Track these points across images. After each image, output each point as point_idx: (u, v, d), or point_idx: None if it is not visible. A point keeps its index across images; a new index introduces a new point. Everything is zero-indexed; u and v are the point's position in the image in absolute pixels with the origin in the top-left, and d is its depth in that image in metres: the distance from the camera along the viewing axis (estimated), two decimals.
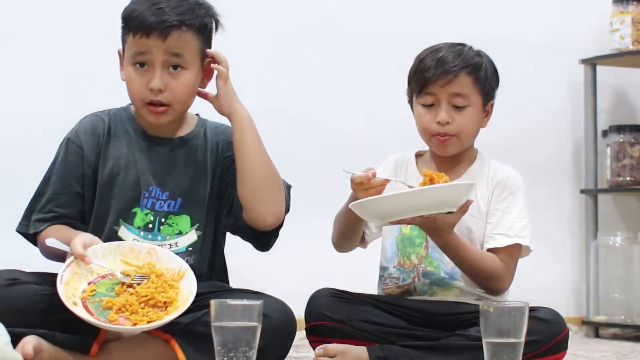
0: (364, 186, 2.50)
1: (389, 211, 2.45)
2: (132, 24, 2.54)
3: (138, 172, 2.62)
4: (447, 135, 2.66)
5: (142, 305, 2.38)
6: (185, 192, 2.61)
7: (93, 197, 2.61)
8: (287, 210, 2.63)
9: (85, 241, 2.43)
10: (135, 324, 2.35)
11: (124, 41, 2.60)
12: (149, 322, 2.35)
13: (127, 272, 2.44)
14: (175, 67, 2.55)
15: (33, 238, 2.63)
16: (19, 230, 2.64)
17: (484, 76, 2.68)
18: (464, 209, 2.52)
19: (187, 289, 2.42)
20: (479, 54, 2.71)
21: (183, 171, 2.64)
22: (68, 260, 2.42)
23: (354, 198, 2.55)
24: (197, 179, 2.64)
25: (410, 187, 2.54)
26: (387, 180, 2.52)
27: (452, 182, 2.56)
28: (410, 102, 2.74)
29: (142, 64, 2.55)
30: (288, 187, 2.66)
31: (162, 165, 2.63)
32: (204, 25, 2.60)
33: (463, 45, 2.70)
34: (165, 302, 2.39)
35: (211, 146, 2.67)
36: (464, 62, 2.65)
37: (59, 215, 2.60)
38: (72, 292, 2.38)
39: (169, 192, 2.61)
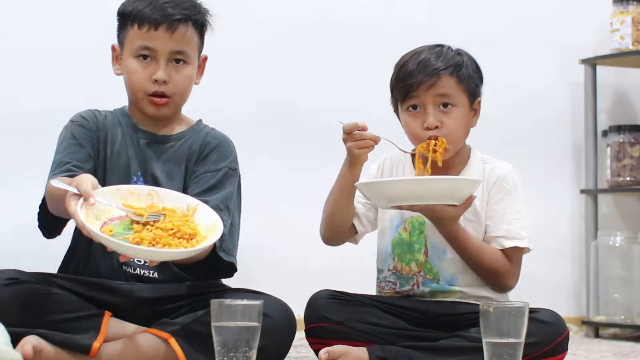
0: (354, 137, 2.53)
1: (391, 195, 2.49)
2: (138, 16, 2.60)
3: (128, 158, 2.66)
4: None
5: (171, 237, 2.30)
6: (158, 186, 2.60)
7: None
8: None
9: (93, 181, 2.33)
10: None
11: (123, 35, 2.65)
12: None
13: (138, 212, 2.35)
14: (177, 60, 2.62)
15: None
16: (41, 204, 2.58)
17: (466, 74, 2.66)
18: (466, 203, 2.53)
19: (207, 220, 2.38)
20: (458, 52, 2.69)
21: (158, 166, 2.66)
22: (74, 203, 2.28)
23: (346, 171, 2.58)
24: (172, 176, 2.66)
25: (404, 151, 2.63)
26: (378, 138, 2.54)
27: (459, 176, 2.63)
28: (396, 110, 2.72)
29: (145, 56, 2.61)
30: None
31: (142, 155, 2.67)
32: (203, 23, 2.68)
33: (442, 46, 2.69)
34: (190, 234, 2.33)
35: (194, 147, 2.69)
36: (445, 63, 2.64)
37: (76, 172, 2.50)
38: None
39: (148, 184, 2.61)
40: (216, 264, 2.58)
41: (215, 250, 2.54)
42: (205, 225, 2.37)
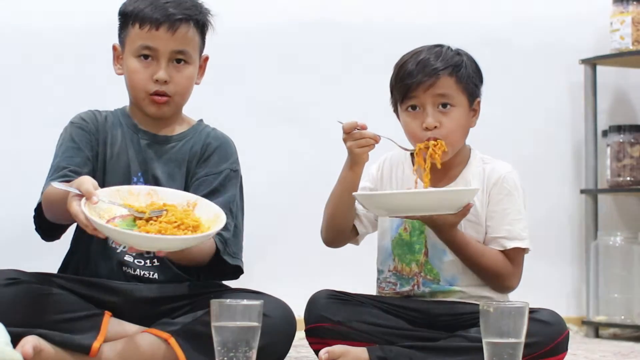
0: (354, 136, 2.54)
1: (389, 207, 2.50)
2: (139, 16, 2.60)
3: (129, 159, 2.66)
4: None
5: (176, 229, 2.31)
6: (160, 186, 2.60)
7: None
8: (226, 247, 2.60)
9: (93, 183, 2.33)
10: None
11: (124, 35, 2.65)
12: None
13: (140, 210, 2.36)
14: (179, 60, 2.63)
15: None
16: (37, 208, 2.57)
17: (465, 74, 2.65)
18: (464, 211, 2.53)
19: (208, 213, 2.39)
20: (457, 52, 2.68)
21: (160, 166, 2.66)
22: (76, 203, 2.28)
23: (347, 172, 2.59)
24: (173, 176, 2.66)
25: (404, 149, 2.64)
26: (378, 137, 2.55)
27: (458, 187, 2.63)
28: (396, 111, 2.72)
29: (146, 56, 2.61)
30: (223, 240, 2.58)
31: (143, 156, 2.67)
32: (204, 23, 2.69)
33: (441, 46, 2.68)
34: (193, 227, 2.33)
35: (195, 148, 2.69)
36: (445, 64, 2.63)
37: (73, 178, 2.48)
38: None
39: (149, 185, 2.61)
40: (222, 267, 2.58)
41: (220, 255, 2.55)
42: (207, 218, 2.38)
